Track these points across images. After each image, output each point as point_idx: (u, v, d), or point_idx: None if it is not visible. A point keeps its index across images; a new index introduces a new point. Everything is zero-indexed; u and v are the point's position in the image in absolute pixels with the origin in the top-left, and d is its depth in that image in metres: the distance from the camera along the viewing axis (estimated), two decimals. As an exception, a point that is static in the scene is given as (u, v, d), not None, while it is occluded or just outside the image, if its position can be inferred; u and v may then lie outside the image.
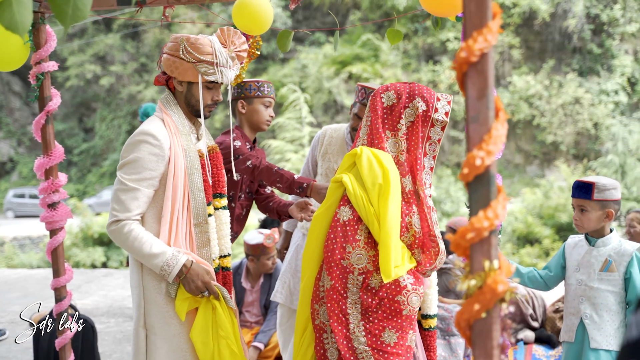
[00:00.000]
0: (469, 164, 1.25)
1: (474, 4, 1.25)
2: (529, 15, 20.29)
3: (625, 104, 19.54)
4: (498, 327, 1.27)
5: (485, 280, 1.25)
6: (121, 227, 2.65)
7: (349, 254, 2.60)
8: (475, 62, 1.26)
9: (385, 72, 19.99)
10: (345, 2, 21.34)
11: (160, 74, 2.89)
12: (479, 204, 1.27)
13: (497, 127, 1.26)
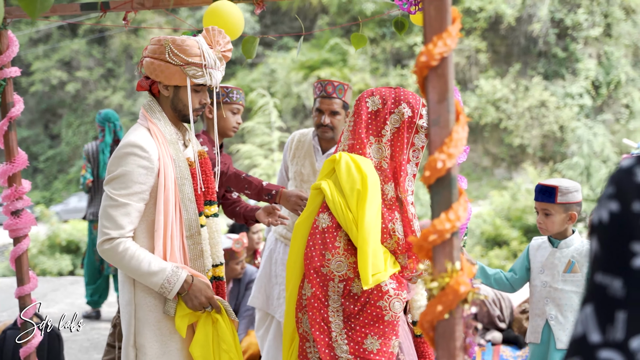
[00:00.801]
0: (430, 166, 1.27)
1: (434, 8, 1.27)
2: (495, 19, 20.53)
3: (590, 107, 19.85)
4: (461, 328, 1.29)
5: (447, 282, 1.27)
6: (115, 245, 2.53)
7: (328, 262, 2.56)
8: (435, 66, 1.27)
9: (353, 76, 20.07)
10: (313, 7, 21.39)
11: (142, 79, 2.75)
12: (440, 206, 1.29)
13: (458, 130, 1.28)
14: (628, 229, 0.93)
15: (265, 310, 4.18)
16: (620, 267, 0.93)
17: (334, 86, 3.94)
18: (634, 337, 0.92)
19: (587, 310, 0.95)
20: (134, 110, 21.98)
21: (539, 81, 19.86)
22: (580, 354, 0.94)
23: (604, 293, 0.94)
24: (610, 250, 0.94)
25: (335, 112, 3.96)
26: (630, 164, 0.96)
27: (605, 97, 20.01)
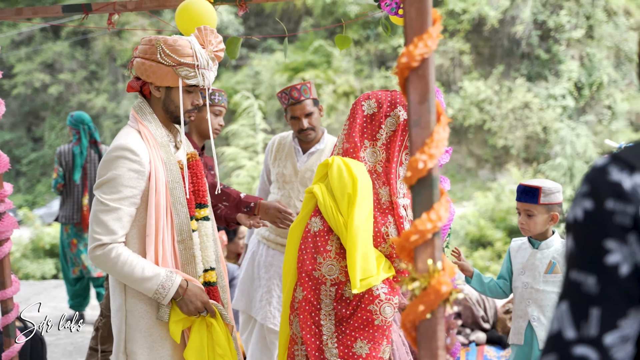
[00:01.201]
0: (411, 167, 1.28)
1: (415, 10, 1.28)
2: (478, 21, 20.62)
3: (573, 108, 19.98)
4: (443, 328, 1.29)
5: (429, 282, 1.27)
6: (107, 251, 2.49)
7: (320, 265, 2.56)
8: (416, 67, 1.28)
9: (337, 78, 20.09)
10: (297, 9, 21.39)
11: (133, 80, 2.70)
12: (422, 206, 1.29)
13: (439, 130, 1.28)
14: (601, 226, 0.94)
15: (248, 313, 4.17)
16: (594, 264, 0.94)
17: (298, 90, 3.97)
18: (608, 333, 0.93)
19: (562, 307, 0.96)
20: (117, 112, 21.87)
21: (522, 83, 19.97)
22: (556, 350, 0.96)
23: (578, 290, 0.95)
24: (585, 248, 0.95)
25: (310, 113, 4.01)
26: (604, 163, 0.97)
27: (588, 98, 20.15)
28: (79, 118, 6.53)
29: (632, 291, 0.93)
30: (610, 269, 0.93)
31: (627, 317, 0.93)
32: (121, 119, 21.75)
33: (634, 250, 0.93)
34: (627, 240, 0.93)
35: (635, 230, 0.93)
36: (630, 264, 0.93)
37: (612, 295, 0.93)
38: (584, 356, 0.93)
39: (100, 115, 21.64)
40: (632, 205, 0.93)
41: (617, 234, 0.93)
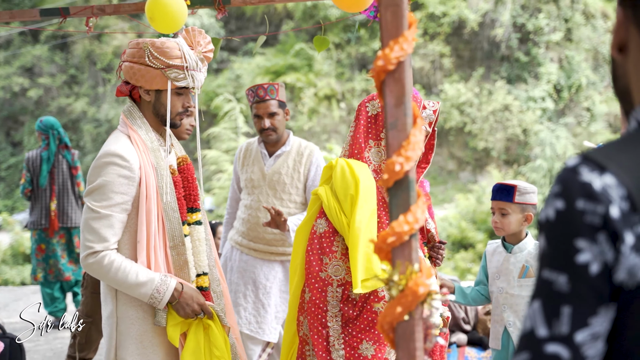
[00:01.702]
0: (388, 169, 1.29)
1: (390, 14, 1.29)
2: (458, 24, 20.73)
3: (552, 110, 20.14)
4: (420, 329, 1.30)
5: (406, 283, 1.28)
6: (100, 259, 2.45)
7: (326, 266, 2.57)
8: (392, 70, 1.29)
9: (319, 81, 20.11)
10: (278, 13, 21.40)
11: (122, 85, 2.65)
12: (399, 208, 1.30)
13: (415, 133, 1.29)
14: (572, 226, 0.96)
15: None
16: (565, 263, 0.96)
17: (264, 89, 4.03)
18: (579, 331, 0.95)
19: (534, 306, 0.98)
20: (98, 117, 21.73)
21: (502, 85, 20.11)
22: (528, 348, 0.97)
23: (550, 288, 0.97)
24: (556, 247, 0.97)
25: (273, 114, 4.06)
26: (575, 163, 0.99)
27: (567, 100, 20.32)
28: (49, 123, 6.50)
29: (602, 289, 0.95)
30: (580, 268, 0.95)
31: (597, 315, 0.95)
32: (101, 123, 21.61)
33: (604, 249, 0.94)
34: (597, 239, 0.94)
35: (604, 229, 0.94)
36: (600, 263, 0.95)
37: (583, 293, 0.95)
38: (555, 354, 0.95)
39: (80, 120, 21.49)
40: (601, 205, 0.95)
41: (587, 233, 0.95)
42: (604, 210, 0.94)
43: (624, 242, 0.94)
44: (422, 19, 20.22)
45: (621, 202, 0.94)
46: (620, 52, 1.12)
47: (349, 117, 20.13)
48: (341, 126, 20.04)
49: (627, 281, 0.95)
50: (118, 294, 2.56)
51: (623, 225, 0.94)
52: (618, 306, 0.97)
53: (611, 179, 0.96)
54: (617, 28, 1.12)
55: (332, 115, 19.94)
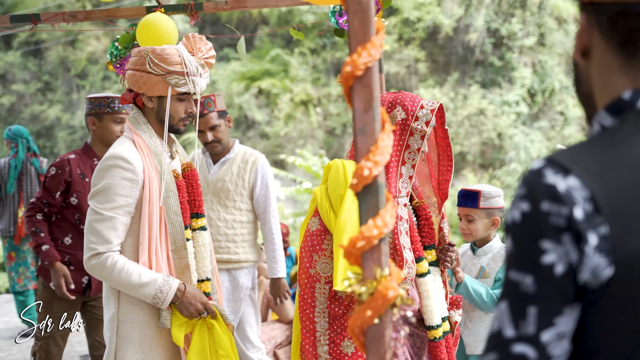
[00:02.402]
0: (357, 174, 1.30)
1: (358, 20, 1.30)
2: (433, 29, 20.87)
3: (526, 114, 20.33)
4: (390, 332, 1.31)
5: (376, 287, 1.29)
6: (103, 260, 2.48)
7: (315, 263, 2.64)
8: (360, 76, 1.30)
9: (295, 87, 20.12)
10: (253, 18, 21.40)
11: (126, 92, 2.70)
12: (368, 213, 1.31)
13: (384, 138, 1.31)
14: (537, 227, 0.97)
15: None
16: (531, 264, 0.97)
17: (201, 104, 3.96)
18: (545, 331, 0.96)
19: (502, 307, 0.99)
20: (72, 123, 21.54)
21: (477, 89, 20.27)
22: (496, 348, 0.99)
23: (516, 289, 0.98)
24: (522, 248, 0.99)
25: (214, 126, 4.08)
26: (539, 166, 1.01)
27: (541, 104, 20.53)
28: (18, 132, 6.49)
29: (567, 290, 0.97)
30: (546, 269, 0.97)
31: (562, 315, 0.97)
32: (76, 130, 21.42)
33: (568, 250, 0.96)
34: (562, 240, 0.96)
35: (569, 230, 0.96)
36: (565, 264, 0.96)
37: (548, 294, 0.96)
38: (522, 354, 0.96)
39: (54, 127, 21.28)
40: (566, 207, 0.96)
41: (552, 234, 0.96)
42: (568, 211, 0.96)
43: (587, 243, 0.96)
44: (397, 24, 20.33)
45: (585, 203, 0.96)
46: (584, 57, 1.14)
47: (325, 122, 20.17)
48: (317, 131, 20.07)
49: (590, 281, 0.97)
50: (120, 298, 2.58)
51: (587, 226, 0.96)
52: (583, 306, 0.99)
53: (575, 181, 0.98)
54: (580, 33, 1.14)
55: (308, 121, 19.97)
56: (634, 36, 1.05)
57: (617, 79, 1.09)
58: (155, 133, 2.67)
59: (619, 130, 1.05)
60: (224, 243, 4.08)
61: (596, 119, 1.11)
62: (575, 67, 1.18)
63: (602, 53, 1.10)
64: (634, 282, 0.96)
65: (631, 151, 1.01)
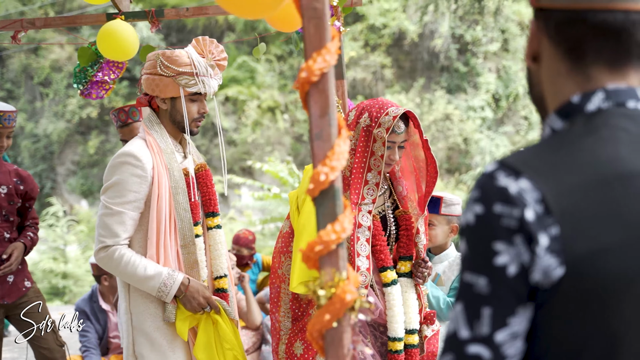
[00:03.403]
0: (314, 179, 1.30)
1: (313, 26, 1.31)
2: (398, 35, 21.02)
3: (491, 119, 20.56)
4: (349, 335, 1.32)
5: (334, 291, 1.30)
6: (111, 253, 2.57)
7: (282, 264, 2.70)
8: (316, 82, 1.31)
9: (262, 93, 20.11)
10: (219, 25, 21.34)
11: (141, 96, 2.80)
12: (326, 218, 1.32)
13: (340, 143, 1.32)
14: (490, 229, 0.99)
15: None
16: (484, 265, 0.99)
17: (125, 112, 3.85)
18: (499, 331, 0.98)
19: (457, 308, 1.01)
20: (36, 132, 21.24)
21: (443, 95, 20.45)
22: (452, 350, 1.00)
23: (471, 291, 1.00)
24: (476, 250, 1.00)
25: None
26: (492, 169, 1.03)
27: (505, 109, 20.77)
28: None
29: (519, 290, 0.99)
30: (499, 270, 0.98)
31: (516, 315, 0.99)
32: (40, 138, 21.12)
33: (520, 251, 0.98)
34: (514, 242, 0.98)
35: (520, 232, 0.98)
36: (517, 265, 0.98)
37: (502, 294, 0.98)
38: (477, 354, 0.98)
39: (17, 136, 20.95)
40: (517, 209, 0.98)
41: (504, 236, 0.98)
42: (520, 213, 0.98)
43: (538, 244, 0.98)
44: (362, 30, 20.43)
45: (536, 205, 0.98)
46: (534, 62, 1.17)
47: (292, 128, 20.17)
48: (285, 137, 20.07)
49: (542, 281, 0.99)
50: (131, 291, 2.67)
51: (538, 227, 0.98)
52: (535, 306, 1.01)
53: (526, 183, 1.00)
54: (531, 38, 1.17)
55: (275, 127, 19.96)
56: (581, 43, 1.08)
57: (566, 83, 1.11)
58: (167, 134, 2.77)
59: (568, 133, 1.08)
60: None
61: (547, 122, 1.14)
62: (527, 71, 1.21)
63: (551, 58, 1.13)
64: (584, 282, 0.98)
65: (580, 153, 1.03)
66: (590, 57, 1.09)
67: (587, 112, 1.08)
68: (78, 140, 21.00)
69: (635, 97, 1.09)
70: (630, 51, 1.08)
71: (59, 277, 12.27)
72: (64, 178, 21.22)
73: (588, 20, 1.07)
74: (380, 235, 2.76)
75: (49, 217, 13.41)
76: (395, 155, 2.74)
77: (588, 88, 1.10)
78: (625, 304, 0.99)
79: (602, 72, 1.09)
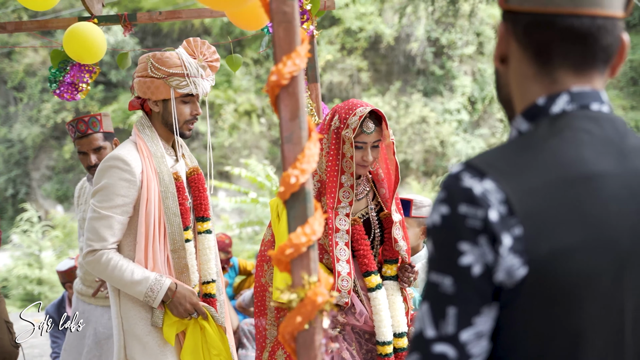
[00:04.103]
0: (284, 182, 1.31)
1: (283, 30, 1.31)
2: (374, 39, 21.09)
3: (467, 122, 20.69)
4: (321, 337, 1.33)
5: (305, 293, 1.31)
6: (98, 257, 2.56)
7: (265, 272, 2.69)
8: (286, 85, 1.32)
9: (238, 97, 20.07)
10: (195, 29, 21.27)
11: (134, 99, 2.78)
12: (297, 220, 1.33)
13: (310, 146, 1.32)
14: (456, 230, 1.00)
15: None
16: (450, 265, 1.00)
17: (85, 122, 3.66)
18: (464, 330, 0.99)
19: (423, 308, 1.02)
20: (10, 137, 21.00)
21: (419, 98, 20.55)
22: (418, 349, 1.01)
23: (437, 290, 1.01)
24: (441, 251, 1.02)
25: (99, 148, 3.71)
26: (457, 170, 1.04)
27: (481, 112, 20.92)
28: None
29: (484, 290, 1.00)
30: (463, 270, 1.00)
31: (481, 315, 1.00)
32: (14, 143, 20.88)
33: (484, 251, 0.99)
34: (478, 242, 0.99)
35: (485, 232, 0.99)
36: (482, 265, 0.99)
37: (467, 294, 0.99)
38: (442, 353, 0.99)
39: (-9, 140, 20.71)
40: (482, 209, 1.00)
41: (469, 236, 0.99)
42: (484, 214, 1.00)
43: (502, 244, 0.99)
44: (339, 34, 20.47)
45: (499, 206, 1.00)
46: (502, 63, 1.19)
47: (269, 132, 20.15)
48: (262, 141, 20.04)
49: (506, 281, 1.00)
50: (121, 295, 2.67)
51: (501, 228, 0.99)
52: (500, 305, 1.02)
53: (490, 184, 1.01)
54: (499, 40, 1.18)
55: (252, 131, 19.93)
56: (548, 46, 1.10)
57: (532, 85, 1.13)
58: (159, 137, 2.75)
59: (533, 134, 1.10)
60: None
61: (514, 124, 1.16)
62: (495, 73, 1.23)
63: (519, 61, 1.14)
64: (546, 281, 1.00)
65: (544, 155, 1.05)
66: (556, 60, 1.11)
67: (551, 114, 1.10)
68: (53, 145, 20.81)
69: (600, 100, 1.11)
70: (595, 55, 1.10)
71: (34, 284, 12.13)
72: (39, 183, 21.00)
73: (556, 24, 1.09)
74: (362, 240, 2.71)
75: (24, 223, 13.26)
76: (368, 156, 2.68)
77: (553, 90, 1.12)
78: (588, 302, 1.01)
79: (568, 75, 1.12)
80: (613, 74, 1.15)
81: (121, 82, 21.83)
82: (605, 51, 1.10)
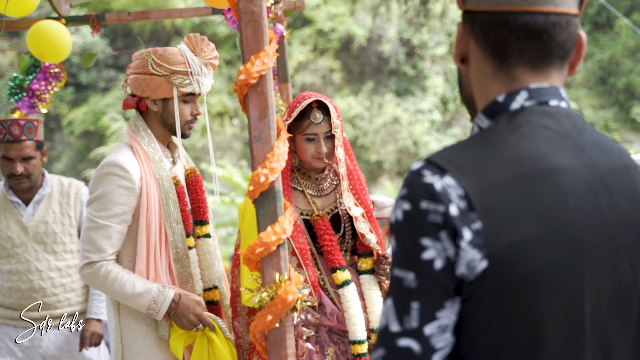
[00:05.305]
0: (254, 181, 1.31)
1: (250, 29, 1.32)
2: (347, 40, 21.14)
3: (440, 122, 20.83)
4: (292, 335, 1.33)
5: (276, 292, 1.31)
6: (96, 269, 2.43)
7: (236, 277, 2.62)
8: (254, 84, 1.32)
9: (211, 98, 19.99)
10: (166, 30, 21.15)
11: (128, 97, 2.61)
12: (266, 219, 1.33)
13: (279, 145, 1.33)
14: (417, 225, 1.02)
15: None
16: (412, 260, 1.02)
17: (20, 126, 3.36)
18: (427, 324, 1.01)
19: (388, 303, 1.04)
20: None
21: (392, 98, 20.63)
22: (383, 344, 1.03)
23: (400, 285, 1.03)
24: (404, 246, 1.03)
25: (29, 157, 3.41)
26: (419, 167, 1.06)
27: (453, 112, 21.07)
28: None
29: (446, 284, 1.02)
30: (426, 265, 1.02)
31: (443, 309, 1.02)
32: (-17, 146, 20.58)
33: (446, 246, 1.01)
34: (440, 237, 1.01)
35: (445, 227, 1.01)
36: (443, 259, 1.02)
37: (429, 288, 1.01)
38: (407, 347, 1.01)
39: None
40: (442, 205, 1.02)
41: (430, 232, 1.02)
42: (445, 209, 1.02)
43: (462, 238, 1.02)
44: (311, 35, 20.49)
45: (459, 201, 1.02)
46: (463, 63, 1.21)
47: (242, 133, 20.10)
48: (234, 143, 19.99)
49: (467, 274, 1.03)
50: (120, 308, 2.55)
51: (461, 222, 1.02)
52: (462, 299, 1.04)
53: (450, 180, 1.04)
54: (458, 41, 1.21)
55: (224, 132, 19.87)
56: (504, 44, 1.13)
57: (492, 83, 1.16)
58: (155, 139, 2.61)
59: (492, 131, 1.12)
60: (62, 295, 3.55)
61: (475, 121, 1.18)
62: (457, 72, 1.25)
63: (478, 60, 1.17)
64: (506, 274, 1.02)
65: (503, 151, 1.08)
66: (513, 58, 1.14)
67: (510, 111, 1.13)
68: None
69: (558, 95, 1.14)
70: (551, 52, 1.13)
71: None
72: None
73: (510, 22, 1.11)
74: (327, 235, 2.63)
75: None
76: (322, 147, 2.57)
77: (513, 88, 1.14)
78: (547, 295, 1.03)
79: (526, 73, 1.14)
80: (572, 71, 1.18)
81: (92, 84, 21.63)
82: (562, 48, 1.13)
